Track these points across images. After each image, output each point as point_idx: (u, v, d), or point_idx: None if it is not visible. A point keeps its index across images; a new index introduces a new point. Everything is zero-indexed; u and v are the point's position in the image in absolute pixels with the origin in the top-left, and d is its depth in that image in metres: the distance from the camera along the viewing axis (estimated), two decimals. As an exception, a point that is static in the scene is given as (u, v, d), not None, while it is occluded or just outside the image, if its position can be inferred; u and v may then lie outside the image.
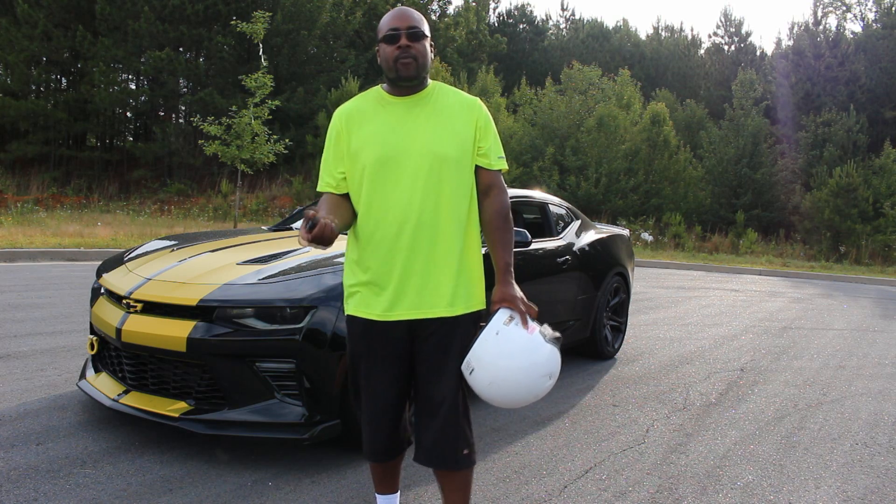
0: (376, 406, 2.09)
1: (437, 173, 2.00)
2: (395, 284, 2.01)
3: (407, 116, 2.04)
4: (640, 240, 18.92)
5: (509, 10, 37.60)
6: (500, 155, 2.12)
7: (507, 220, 2.09)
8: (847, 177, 19.19)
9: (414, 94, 2.07)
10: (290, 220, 4.62)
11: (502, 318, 1.97)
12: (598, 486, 2.93)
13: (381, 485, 2.28)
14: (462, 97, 2.12)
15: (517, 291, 2.01)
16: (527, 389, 1.98)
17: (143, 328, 2.99)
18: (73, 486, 2.63)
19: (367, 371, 2.07)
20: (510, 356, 1.93)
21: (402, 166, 2.00)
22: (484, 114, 2.11)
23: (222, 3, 21.46)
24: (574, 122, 21.39)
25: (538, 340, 1.95)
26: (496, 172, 2.10)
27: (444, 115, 2.06)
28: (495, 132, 2.13)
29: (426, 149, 2.00)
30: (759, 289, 11.59)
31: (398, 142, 2.01)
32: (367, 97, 2.12)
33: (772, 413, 4.18)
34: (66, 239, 11.00)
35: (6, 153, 20.99)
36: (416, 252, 1.99)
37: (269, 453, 3.06)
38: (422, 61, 2.03)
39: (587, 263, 4.97)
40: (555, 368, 1.99)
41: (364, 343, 2.06)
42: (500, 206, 2.09)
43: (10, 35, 20.34)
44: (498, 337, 1.94)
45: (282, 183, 21.93)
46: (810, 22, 27.55)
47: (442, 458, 2.06)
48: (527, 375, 1.95)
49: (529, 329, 1.96)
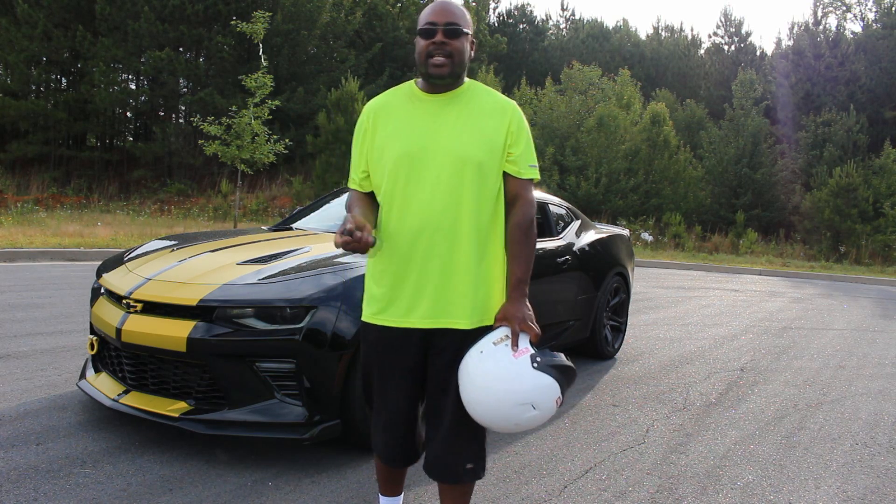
0: (390, 414, 2.03)
1: (459, 175, 1.90)
2: (410, 290, 1.93)
3: (435, 115, 1.94)
4: (640, 240, 18.92)
5: (509, 10, 37.62)
6: (532, 164, 1.99)
7: (528, 235, 1.97)
8: (847, 177, 19.20)
9: (446, 91, 1.96)
10: (290, 220, 4.62)
11: (493, 338, 1.87)
12: (598, 486, 2.93)
13: (386, 486, 2.26)
14: (497, 99, 2.00)
15: (522, 310, 1.91)
16: (504, 415, 1.84)
17: (143, 328, 2.99)
18: (73, 486, 2.63)
19: (382, 379, 2.02)
20: (487, 379, 1.82)
21: (425, 166, 1.90)
22: (518, 118, 1.98)
23: (222, 3, 21.45)
24: (574, 122, 21.39)
25: (521, 367, 1.81)
26: (525, 182, 1.98)
27: (475, 116, 1.95)
28: (529, 139, 2.00)
29: (449, 148, 1.91)
30: (759, 289, 11.59)
31: (422, 140, 1.92)
32: (398, 92, 2.04)
33: (772, 413, 4.18)
34: (66, 239, 11.00)
35: (6, 153, 20.99)
36: (432, 257, 1.91)
37: (269, 453, 3.06)
38: (458, 59, 1.91)
39: (587, 263, 4.97)
40: (541, 398, 1.83)
41: (378, 351, 2.01)
42: (523, 219, 1.97)
43: (10, 35, 20.33)
44: (481, 356, 1.84)
45: (282, 183, 21.93)
46: (810, 22, 27.59)
47: (445, 471, 2.01)
48: (501, 402, 1.82)
49: (517, 353, 1.83)
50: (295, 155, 20.76)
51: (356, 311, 2.93)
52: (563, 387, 1.87)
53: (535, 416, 1.85)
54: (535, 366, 1.82)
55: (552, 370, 1.84)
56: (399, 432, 2.05)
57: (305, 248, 3.54)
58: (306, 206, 4.86)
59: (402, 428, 2.04)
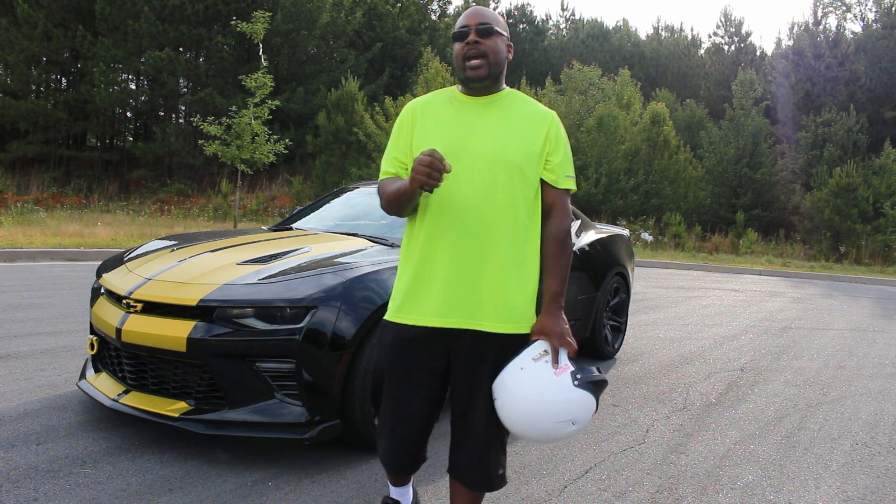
0: (401, 419, 1.97)
1: (494, 177, 1.88)
2: (438, 288, 1.89)
3: (474, 116, 1.95)
4: (640, 240, 18.92)
5: (509, 10, 37.58)
6: (570, 174, 1.98)
7: (565, 246, 1.94)
8: (847, 177, 19.20)
9: (486, 95, 1.97)
10: (290, 220, 4.62)
11: (533, 353, 1.85)
12: (598, 486, 2.93)
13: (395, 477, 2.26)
14: (537, 107, 1.99)
15: (560, 325, 1.88)
16: (545, 430, 1.85)
17: (143, 328, 2.99)
18: (73, 486, 2.63)
19: (395, 382, 1.96)
20: (529, 395, 1.81)
21: (461, 164, 1.87)
22: (556, 126, 1.97)
23: (222, 3, 21.47)
24: (574, 122, 21.38)
25: (564, 383, 1.82)
26: (562, 192, 1.97)
27: (514, 121, 1.95)
28: (567, 150, 1.99)
29: (487, 148, 1.89)
30: (759, 289, 11.59)
31: (460, 139, 1.91)
32: (441, 94, 2.04)
33: (772, 413, 4.18)
34: (66, 239, 11.00)
35: (6, 153, 21.00)
36: (461, 257, 1.88)
37: (269, 453, 3.06)
38: (493, 59, 1.91)
39: (587, 263, 4.97)
40: (580, 415, 1.84)
41: (395, 352, 1.95)
42: (559, 229, 1.95)
43: (10, 35, 20.34)
44: (522, 372, 1.83)
45: (282, 183, 21.94)
46: (810, 22, 27.58)
47: (477, 478, 2.00)
48: (543, 418, 1.83)
49: (559, 370, 1.83)
50: (295, 155, 20.77)
51: (356, 311, 2.94)
52: (598, 401, 1.88)
53: (574, 430, 1.87)
54: (576, 383, 1.82)
55: (590, 386, 1.84)
56: (407, 439, 2.00)
57: (305, 248, 3.54)
58: (306, 206, 4.86)
59: (411, 435, 1.99)
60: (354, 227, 4.16)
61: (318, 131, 21.16)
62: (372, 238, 3.81)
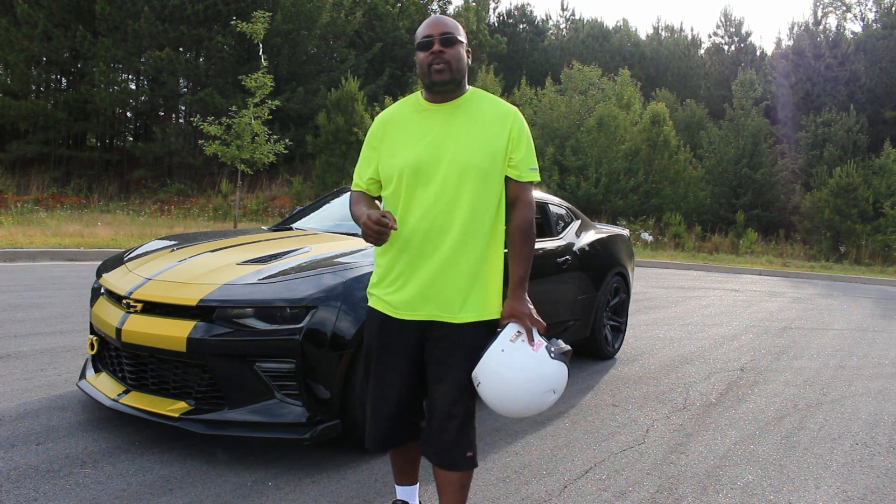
0: (380, 395, 2.14)
1: (461, 182, 2.02)
2: (408, 286, 2.06)
3: (441, 124, 2.07)
4: (640, 240, 18.92)
5: (509, 10, 37.61)
6: (533, 166, 2.10)
7: (527, 236, 2.09)
8: (847, 177, 19.20)
9: (450, 100, 2.09)
10: (290, 220, 4.62)
11: (509, 335, 2.01)
12: (598, 486, 2.93)
13: (400, 475, 2.33)
14: (499, 107, 2.11)
15: (527, 307, 2.03)
16: (530, 403, 2.03)
17: (143, 328, 2.99)
18: (73, 486, 2.63)
19: (378, 363, 2.14)
20: (513, 373, 1.98)
21: (432, 175, 2.03)
22: (518, 124, 2.09)
23: (222, 3, 21.46)
24: (574, 122, 21.38)
25: (542, 358, 1.99)
26: (525, 184, 2.09)
27: (478, 125, 2.06)
28: (530, 143, 2.11)
29: (455, 158, 2.02)
30: (759, 289, 11.59)
31: (429, 151, 2.04)
32: (407, 103, 2.17)
33: (772, 413, 4.18)
34: (66, 239, 11.00)
35: (6, 153, 20.99)
36: (429, 256, 2.03)
37: (269, 453, 3.06)
38: (455, 66, 2.04)
39: (587, 263, 4.97)
40: (559, 383, 2.03)
41: (378, 335, 2.13)
42: (522, 220, 2.09)
43: (10, 35, 20.34)
44: (503, 354, 1.99)
45: (282, 183, 21.93)
46: (810, 22, 27.58)
47: (445, 458, 2.09)
48: (528, 392, 2.00)
49: (535, 346, 2.00)
50: (295, 155, 20.76)
51: (356, 311, 2.94)
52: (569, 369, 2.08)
53: (555, 398, 2.06)
54: (552, 355, 2.01)
55: (563, 356, 2.03)
56: (383, 413, 2.14)
57: (305, 248, 3.54)
58: (306, 206, 4.86)
59: (387, 409, 2.13)
60: (354, 227, 4.15)
61: (318, 131, 21.15)
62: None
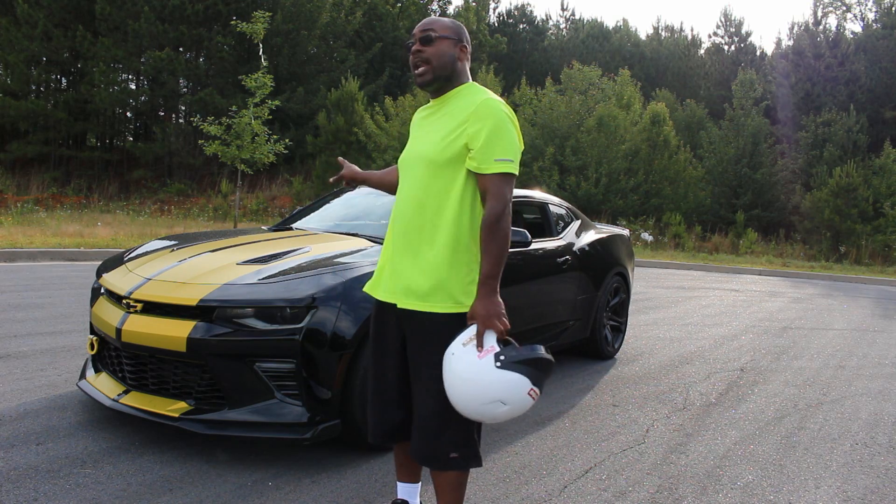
0: (380, 380, 2.16)
1: (422, 175, 2.07)
2: (387, 269, 2.14)
3: (430, 120, 2.14)
4: (640, 240, 18.92)
5: (509, 10, 37.61)
6: (500, 157, 1.95)
7: (492, 231, 1.94)
8: (847, 177, 19.19)
9: (440, 96, 2.12)
10: (290, 220, 4.62)
11: (463, 338, 1.91)
12: (598, 486, 2.93)
13: (402, 471, 2.31)
14: (471, 99, 2.02)
15: (487, 308, 1.91)
16: (475, 412, 1.90)
17: (143, 328, 2.99)
18: (73, 486, 2.63)
19: (374, 345, 2.19)
20: (456, 380, 1.89)
21: (410, 168, 2.12)
22: (478, 115, 1.97)
23: (222, 3, 21.47)
24: (574, 122, 21.37)
25: (485, 366, 1.84)
26: (490, 177, 1.96)
27: (449, 118, 2.05)
28: (496, 133, 1.96)
29: (419, 152, 2.10)
30: (759, 289, 11.59)
31: (411, 146, 2.16)
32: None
33: (772, 413, 4.18)
34: (66, 239, 11.00)
35: (6, 153, 21.00)
36: (399, 245, 2.10)
37: (269, 453, 3.06)
38: (437, 63, 2.05)
39: (587, 263, 4.97)
40: (509, 395, 1.85)
41: (374, 321, 2.20)
42: (487, 214, 1.95)
43: (10, 35, 20.35)
44: (453, 357, 1.90)
45: (282, 183, 21.94)
46: (810, 22, 27.58)
47: (425, 456, 2.05)
48: (472, 400, 1.87)
49: (482, 353, 1.86)
50: (295, 155, 20.78)
51: (356, 311, 2.94)
52: (536, 379, 1.87)
53: (508, 410, 1.89)
54: (499, 364, 1.84)
55: (518, 366, 1.85)
56: (379, 403, 2.15)
57: (305, 248, 3.54)
58: (306, 206, 4.85)
59: (383, 398, 2.14)
60: (354, 227, 4.16)
61: (318, 131, 21.17)
62: (372, 238, 3.80)
